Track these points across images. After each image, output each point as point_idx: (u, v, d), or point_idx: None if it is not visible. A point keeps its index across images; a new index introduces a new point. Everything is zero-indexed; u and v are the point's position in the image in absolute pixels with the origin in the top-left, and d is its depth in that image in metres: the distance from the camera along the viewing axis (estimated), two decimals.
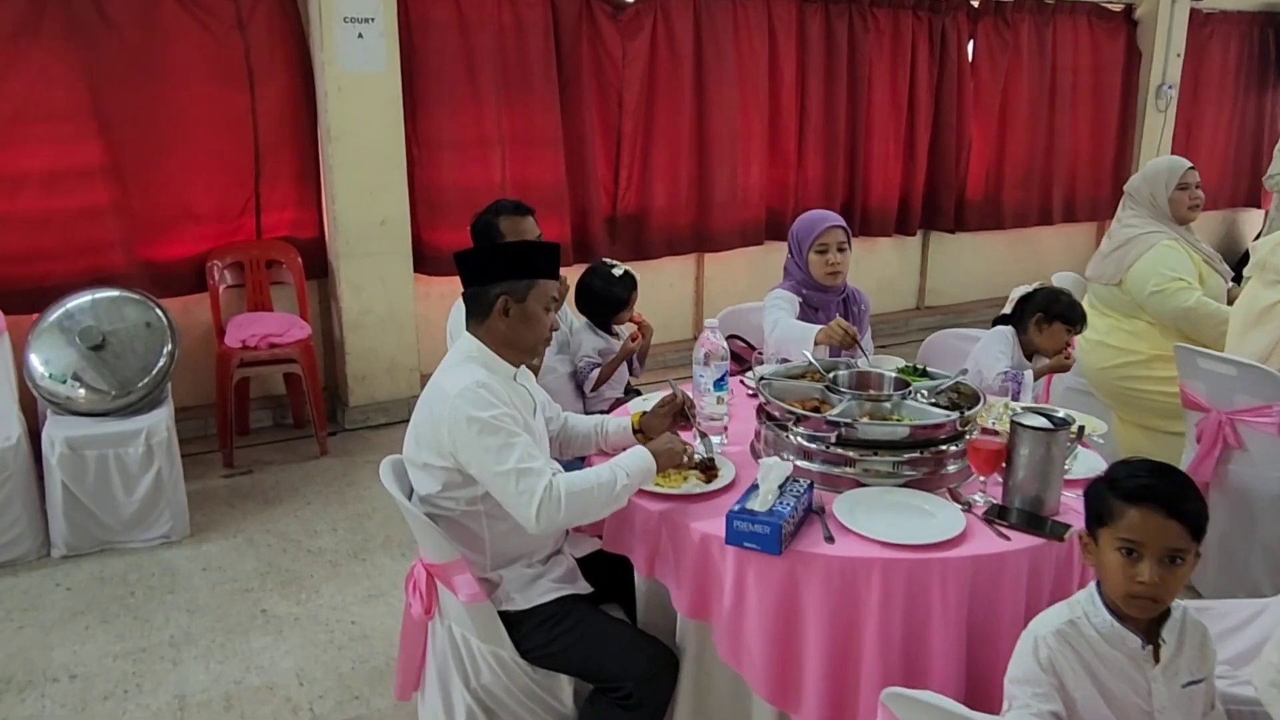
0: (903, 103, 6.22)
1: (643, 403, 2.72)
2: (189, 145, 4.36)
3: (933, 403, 2.33)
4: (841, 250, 3.04)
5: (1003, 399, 2.57)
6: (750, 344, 3.30)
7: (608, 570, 2.26)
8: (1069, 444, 2.05)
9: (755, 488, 2.01)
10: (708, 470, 2.23)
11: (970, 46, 6.43)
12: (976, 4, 6.35)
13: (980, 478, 2.13)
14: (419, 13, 4.67)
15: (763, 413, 2.34)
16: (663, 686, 2.06)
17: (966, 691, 1.94)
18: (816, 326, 2.90)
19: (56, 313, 3.69)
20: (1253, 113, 7.87)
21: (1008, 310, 3.33)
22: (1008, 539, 1.95)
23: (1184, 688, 1.57)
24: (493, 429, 1.91)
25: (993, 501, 2.10)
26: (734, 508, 1.95)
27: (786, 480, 2.02)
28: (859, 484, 2.14)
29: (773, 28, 5.67)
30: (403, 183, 4.72)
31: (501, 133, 4.98)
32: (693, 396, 2.39)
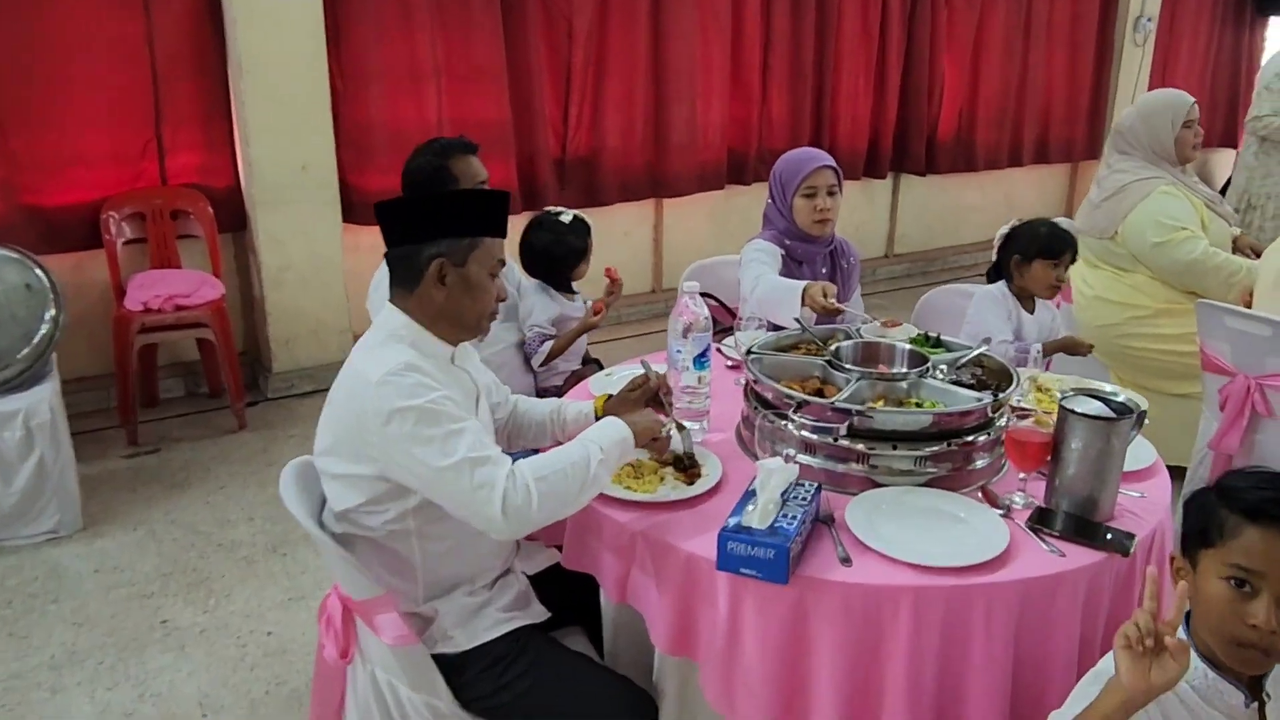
0: (874, 33, 5.79)
1: (606, 379, 2.32)
2: (75, 79, 3.80)
3: (954, 381, 1.94)
4: (832, 194, 2.64)
5: (1029, 371, 2.20)
6: (724, 304, 2.89)
7: (567, 587, 1.87)
8: (1131, 434, 1.68)
9: (751, 495, 1.61)
10: (688, 469, 1.83)
11: None
12: None
13: (1020, 474, 1.77)
14: None
15: (752, 394, 1.94)
16: None
17: None
18: (805, 283, 2.50)
19: None
20: (1229, 48, 7.58)
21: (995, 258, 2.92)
22: (1062, 554, 1.58)
23: None
24: (431, 416, 1.51)
25: (1035, 503, 1.74)
26: (728, 524, 1.56)
27: (790, 485, 1.63)
28: (872, 483, 1.76)
29: None
30: (326, 122, 4.20)
31: (437, 64, 4.46)
32: (669, 376, 1.99)
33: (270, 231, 4.16)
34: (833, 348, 2.01)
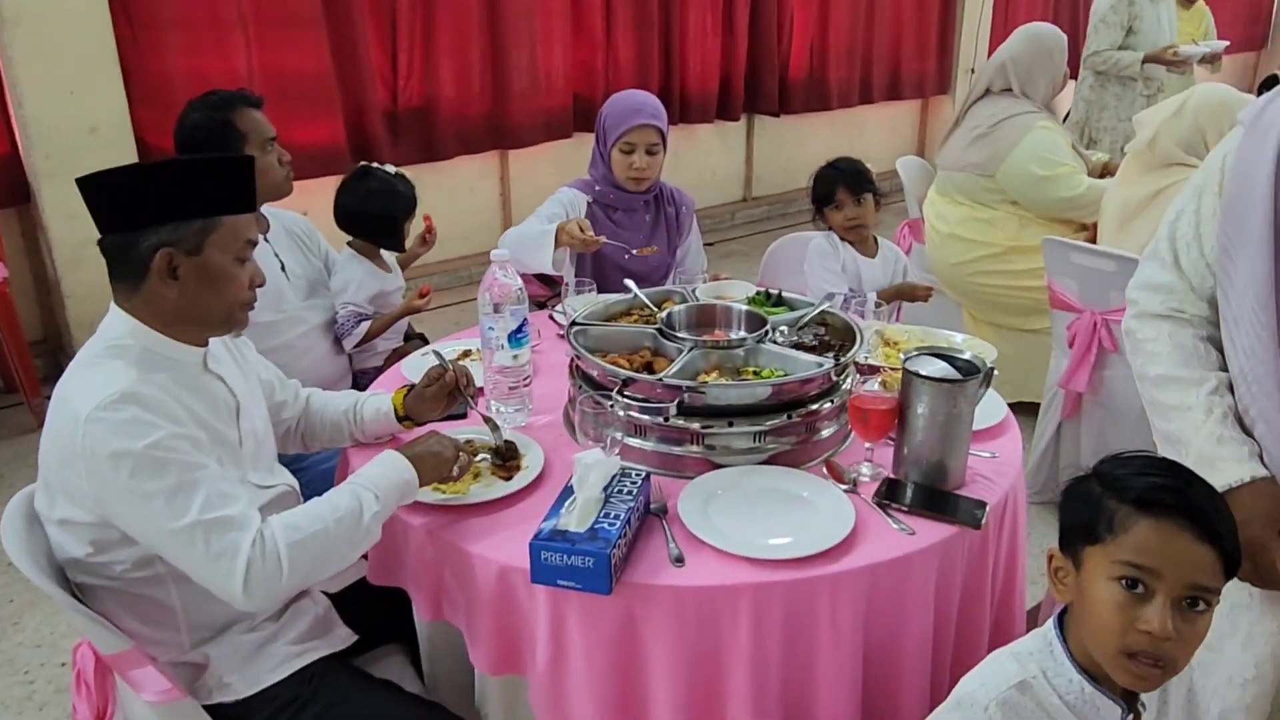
0: None
1: (423, 360, 2.07)
2: None
3: (795, 343, 1.79)
4: (652, 153, 2.44)
5: (874, 324, 2.07)
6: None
7: (378, 601, 1.64)
8: (980, 393, 1.56)
9: (569, 493, 1.42)
10: (507, 460, 1.63)
11: None
12: None
13: (866, 443, 1.63)
14: None
15: (577, 372, 1.74)
16: None
17: None
18: (557, 223, 2.31)
19: None
20: None
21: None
22: (912, 532, 1.45)
23: None
24: (152, 466, 1.24)
25: (883, 473, 1.61)
26: (541, 530, 1.36)
27: (614, 478, 1.45)
28: (711, 464, 1.60)
29: None
30: (116, 77, 3.74)
31: (242, 10, 4.04)
32: (484, 356, 1.77)
33: (60, 204, 3.69)
34: (664, 314, 1.82)
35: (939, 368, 1.54)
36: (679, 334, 1.75)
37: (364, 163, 2.57)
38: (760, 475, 1.57)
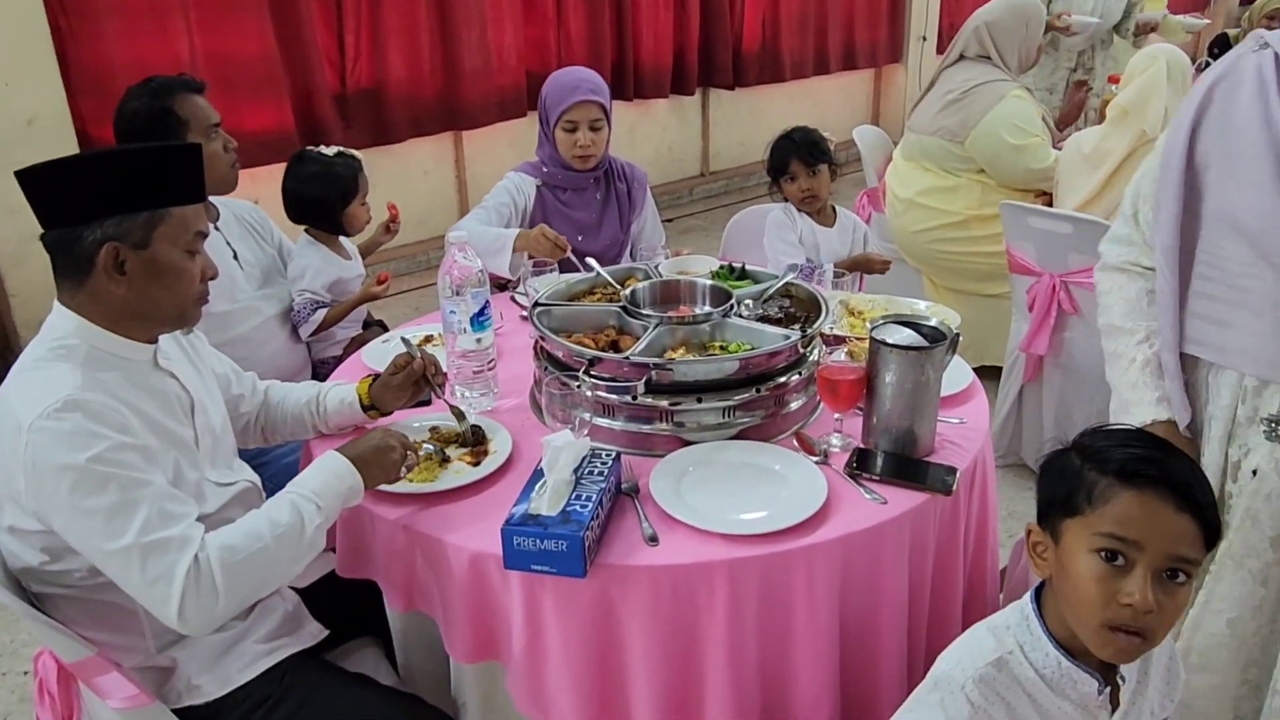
0: None
1: (384, 347, 2.04)
2: None
3: (761, 316, 1.78)
4: (595, 129, 2.41)
5: (838, 294, 2.07)
6: None
7: (350, 593, 1.61)
8: (946, 359, 1.56)
9: (539, 476, 1.40)
10: (475, 446, 1.60)
11: None
12: None
13: (835, 414, 1.62)
14: None
15: (542, 353, 1.72)
16: None
17: (843, 704, 1.47)
18: (513, 232, 2.31)
19: None
20: None
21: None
22: (884, 501, 1.45)
23: None
24: (95, 481, 1.19)
25: (853, 444, 1.60)
26: (512, 514, 1.34)
27: (584, 460, 1.43)
28: (681, 441, 1.59)
29: None
30: (51, 66, 3.62)
31: None
32: (446, 341, 1.74)
33: (1, 200, 3.58)
34: (628, 291, 1.80)
35: (906, 335, 1.54)
36: (644, 311, 1.73)
37: (306, 147, 2.50)
38: (731, 450, 1.57)
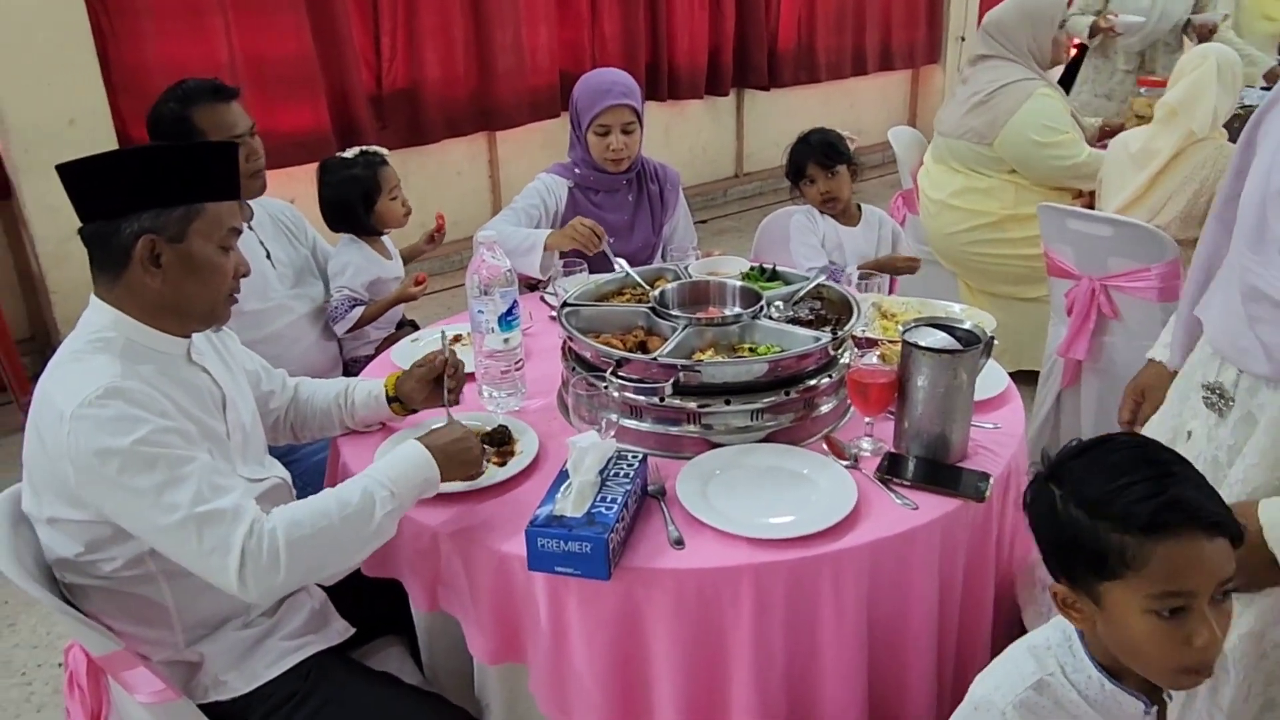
0: None
1: (413, 345, 2.04)
2: None
3: (791, 318, 1.76)
4: (628, 132, 2.39)
5: (870, 296, 2.04)
6: None
7: (376, 592, 1.61)
8: (980, 363, 1.53)
9: (565, 477, 1.39)
10: (501, 446, 1.60)
11: None
12: None
13: (865, 418, 1.60)
14: None
15: (570, 353, 1.71)
16: None
17: (870, 712, 1.45)
18: (544, 233, 2.30)
19: None
20: None
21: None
22: (915, 506, 1.43)
23: None
24: (142, 461, 1.20)
25: (884, 448, 1.58)
26: (536, 516, 1.33)
27: (610, 461, 1.42)
28: (709, 444, 1.57)
29: None
30: (93, 66, 3.66)
31: None
32: (474, 340, 1.73)
33: (41, 199, 3.63)
34: (657, 292, 1.79)
35: (939, 338, 1.51)
36: (672, 312, 1.71)
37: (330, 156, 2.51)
38: (759, 453, 1.55)
